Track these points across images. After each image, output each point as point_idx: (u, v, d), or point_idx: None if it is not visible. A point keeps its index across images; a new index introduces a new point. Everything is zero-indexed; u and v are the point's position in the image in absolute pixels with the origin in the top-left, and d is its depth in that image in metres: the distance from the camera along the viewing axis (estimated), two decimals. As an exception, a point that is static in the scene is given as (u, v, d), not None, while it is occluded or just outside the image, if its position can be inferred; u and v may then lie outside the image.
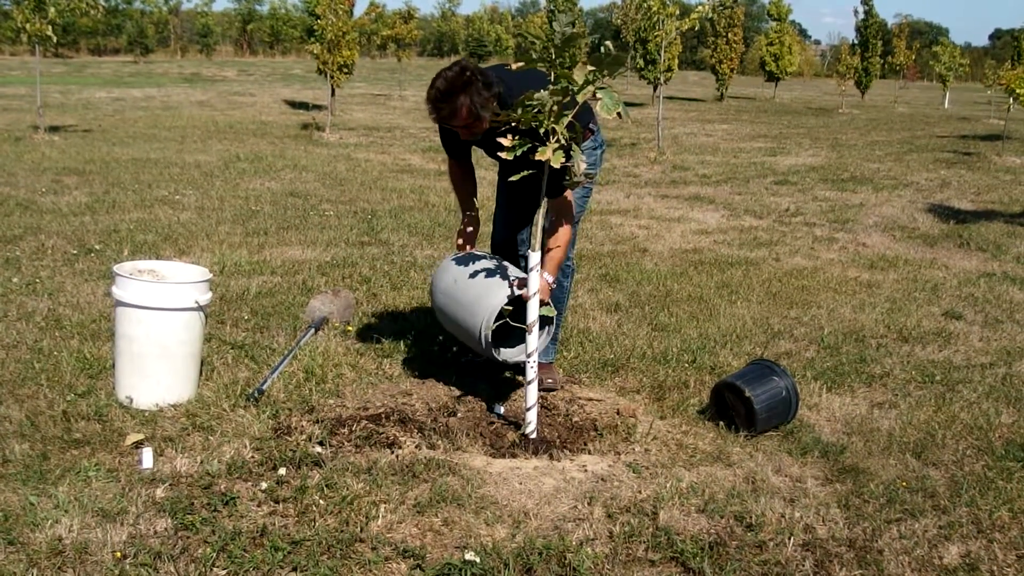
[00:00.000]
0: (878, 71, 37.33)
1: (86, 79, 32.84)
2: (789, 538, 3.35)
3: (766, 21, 48.54)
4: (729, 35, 35.49)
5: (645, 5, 16.73)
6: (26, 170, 11.25)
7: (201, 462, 3.71)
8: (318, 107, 22.89)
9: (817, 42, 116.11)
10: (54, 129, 15.65)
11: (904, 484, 3.81)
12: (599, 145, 4.79)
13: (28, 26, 14.71)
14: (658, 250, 8.30)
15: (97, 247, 7.31)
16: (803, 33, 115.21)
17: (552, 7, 35.61)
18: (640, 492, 3.65)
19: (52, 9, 14.72)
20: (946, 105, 35.58)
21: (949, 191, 12.48)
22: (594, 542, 3.28)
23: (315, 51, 18.71)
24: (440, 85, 4.10)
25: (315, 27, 19.34)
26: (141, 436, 3.94)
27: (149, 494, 3.45)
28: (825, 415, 4.56)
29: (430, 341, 5.32)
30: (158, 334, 4.25)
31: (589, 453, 4.00)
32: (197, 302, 4.32)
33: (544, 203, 3.97)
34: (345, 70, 19.38)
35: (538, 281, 3.96)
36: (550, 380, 4.69)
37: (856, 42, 36.90)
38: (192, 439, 3.97)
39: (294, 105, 24.47)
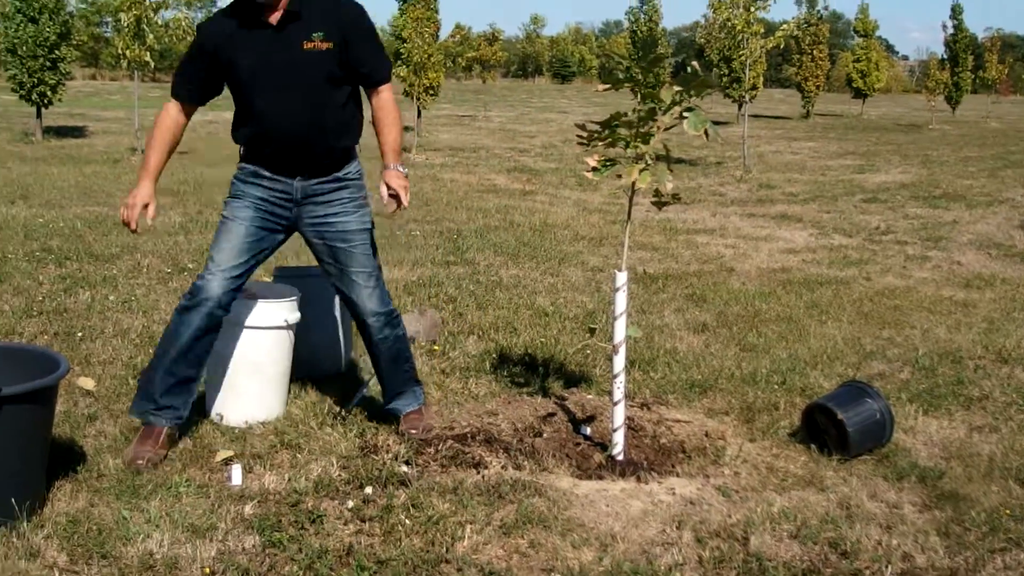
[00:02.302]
0: (969, 86, 36.51)
1: (179, 103, 33.65)
2: (886, 566, 3.24)
3: (852, 37, 47.83)
4: (814, 52, 35.08)
5: (729, 24, 16.59)
6: (123, 191, 11.52)
7: (289, 479, 3.74)
8: (405, 128, 23.12)
9: (905, 57, 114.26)
10: (149, 152, 16.05)
11: (1008, 512, 3.67)
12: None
13: (128, 52, 15.21)
14: (745, 269, 8.19)
15: (190, 266, 7.46)
16: (890, 49, 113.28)
17: (635, 28, 35.60)
18: (730, 516, 3.58)
19: (151, 36, 15.17)
20: (1042, 120, 34.60)
21: (1048, 208, 12.10)
22: (683, 567, 3.22)
23: (402, 74, 18.93)
24: None
25: (401, 50, 19.59)
26: (231, 453, 3.99)
27: (238, 511, 3.48)
28: (922, 439, 4.42)
29: (515, 361, 5.31)
30: (248, 352, 4.30)
31: (677, 476, 3.93)
32: (287, 321, 4.37)
33: (629, 225, 3.93)
34: (431, 92, 19.58)
35: (625, 301, 3.91)
36: (414, 431, 4.20)
37: (945, 57, 36.15)
38: (280, 456, 4.00)
39: (380, 127, 24.75)
